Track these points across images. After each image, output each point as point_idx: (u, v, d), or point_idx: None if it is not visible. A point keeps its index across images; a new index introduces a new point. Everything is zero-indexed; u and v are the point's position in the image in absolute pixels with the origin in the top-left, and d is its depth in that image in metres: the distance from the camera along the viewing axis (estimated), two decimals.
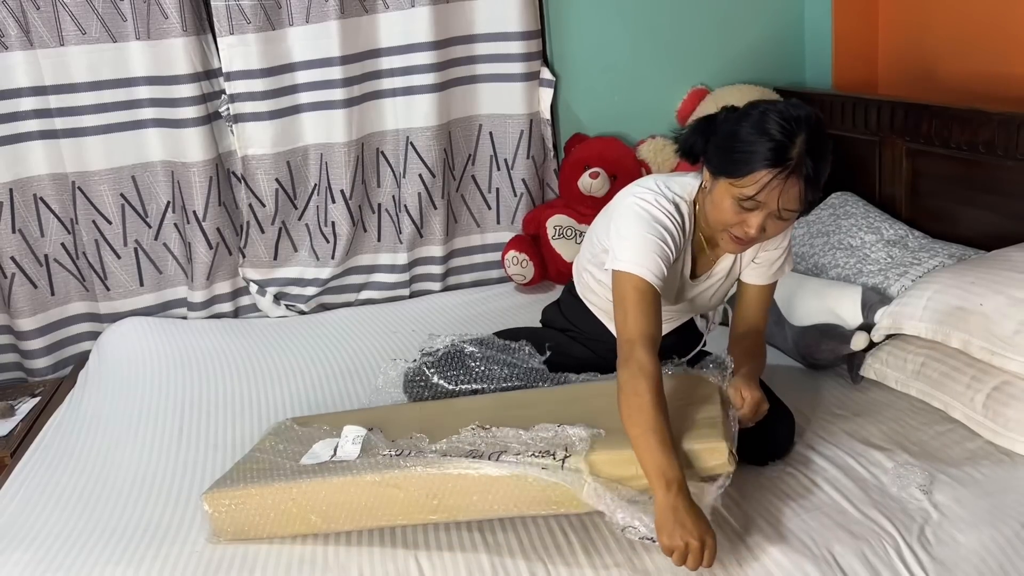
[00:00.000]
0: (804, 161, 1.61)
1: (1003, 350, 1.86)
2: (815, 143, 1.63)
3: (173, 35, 2.76)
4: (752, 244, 1.77)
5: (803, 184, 1.63)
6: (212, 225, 2.93)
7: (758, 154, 1.62)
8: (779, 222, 1.70)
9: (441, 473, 1.63)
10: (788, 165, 1.61)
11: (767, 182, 1.62)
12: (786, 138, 1.61)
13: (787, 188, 1.62)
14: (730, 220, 1.70)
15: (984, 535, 1.59)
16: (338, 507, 1.68)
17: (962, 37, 2.81)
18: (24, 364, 2.95)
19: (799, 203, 1.66)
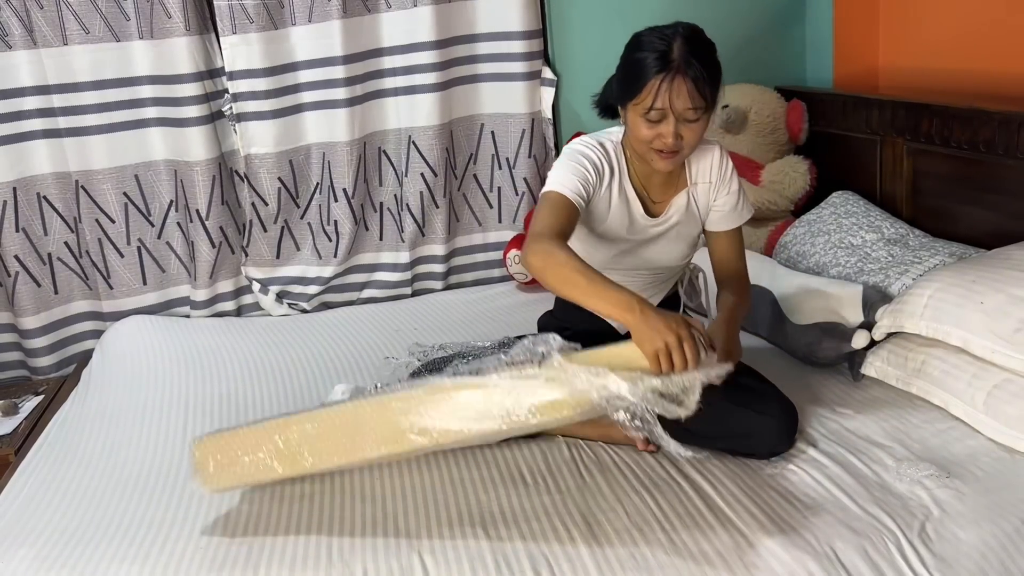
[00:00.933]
0: (686, 59, 1.78)
1: (1004, 348, 1.86)
2: (693, 43, 1.81)
3: (176, 34, 2.77)
4: (678, 155, 1.87)
5: (691, 81, 1.78)
6: (215, 224, 2.94)
7: (644, 67, 1.81)
8: (690, 124, 1.83)
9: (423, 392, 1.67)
10: (671, 66, 1.78)
11: (657, 87, 1.78)
12: (663, 44, 1.81)
13: (676, 87, 1.78)
14: (647, 137, 1.85)
15: (985, 531, 1.59)
16: (324, 438, 1.71)
17: (962, 36, 2.82)
18: (28, 362, 2.96)
19: (693, 99, 1.79)
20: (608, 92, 2.00)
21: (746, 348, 2.25)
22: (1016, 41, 2.63)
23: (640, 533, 1.65)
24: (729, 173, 2.01)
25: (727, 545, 1.59)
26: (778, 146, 3.13)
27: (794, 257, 2.79)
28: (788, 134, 3.12)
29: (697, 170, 2.01)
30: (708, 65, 1.81)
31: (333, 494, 1.85)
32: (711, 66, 1.82)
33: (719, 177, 2.01)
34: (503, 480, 1.85)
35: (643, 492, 1.77)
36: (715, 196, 2.02)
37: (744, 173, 3.06)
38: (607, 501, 1.76)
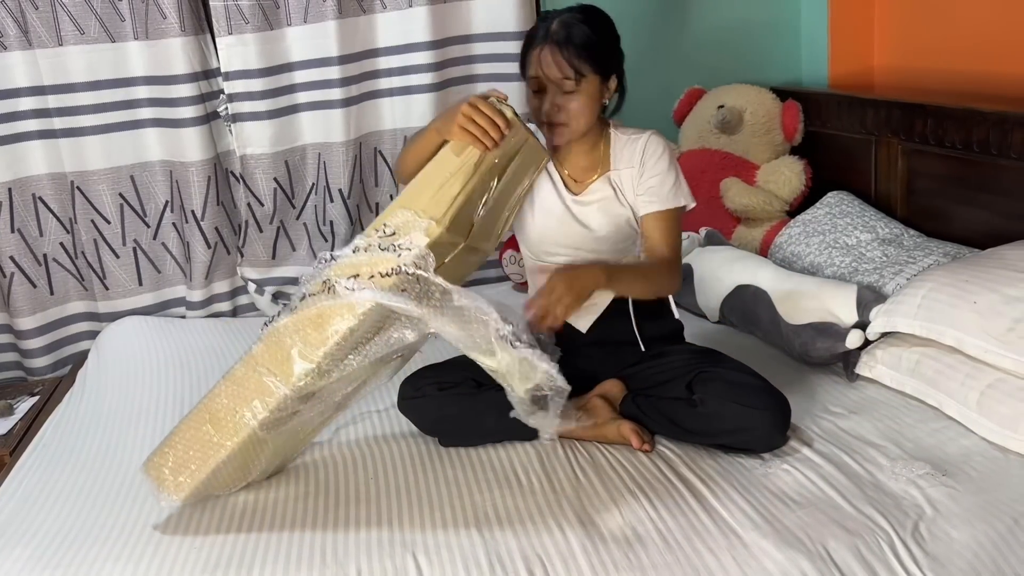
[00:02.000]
0: (560, 30, 1.88)
1: (997, 347, 1.87)
2: (573, 15, 1.91)
3: (171, 35, 2.77)
4: (566, 129, 1.94)
5: (559, 49, 1.87)
6: (210, 224, 2.94)
7: (526, 45, 1.95)
8: (568, 96, 1.91)
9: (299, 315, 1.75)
10: (545, 37, 1.89)
11: (535, 57, 1.90)
12: (540, 23, 1.94)
13: (544, 56, 1.89)
14: (534, 109, 1.95)
15: (978, 531, 1.60)
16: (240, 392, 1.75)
17: (957, 37, 2.82)
18: (23, 363, 2.96)
19: (563, 69, 1.88)
20: None
21: (741, 348, 2.27)
22: (1010, 42, 2.64)
23: (634, 533, 1.65)
24: (656, 155, 2.01)
25: (721, 544, 1.59)
26: (773, 146, 3.13)
27: (789, 257, 2.80)
28: (783, 134, 3.12)
29: (621, 156, 2.03)
30: (583, 35, 1.88)
31: (327, 494, 1.85)
32: (587, 36, 1.89)
33: (642, 160, 2.01)
34: (497, 480, 1.86)
35: (637, 492, 1.77)
36: (639, 176, 2.02)
37: (740, 173, 3.07)
38: (601, 501, 1.76)
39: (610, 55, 1.95)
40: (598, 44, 1.91)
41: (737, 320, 2.53)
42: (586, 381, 2.07)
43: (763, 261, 2.60)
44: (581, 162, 2.04)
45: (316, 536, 1.71)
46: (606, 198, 2.02)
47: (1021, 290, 1.92)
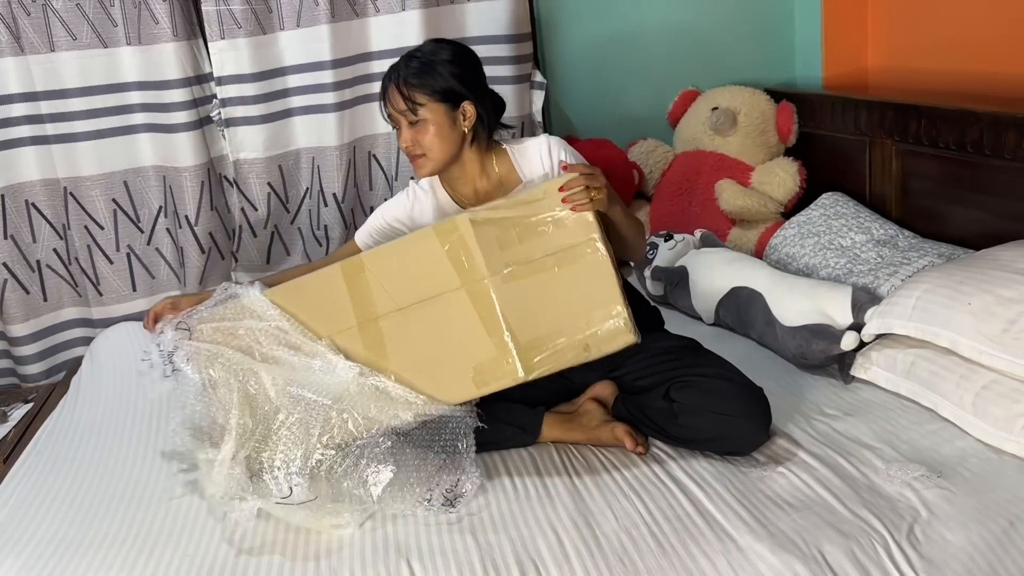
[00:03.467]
0: (398, 67, 1.97)
1: (991, 349, 1.86)
2: (421, 51, 2.00)
3: (164, 40, 2.76)
4: (424, 160, 2.00)
5: (395, 87, 1.96)
6: (204, 230, 2.93)
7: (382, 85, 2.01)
8: (414, 128, 1.97)
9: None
10: (388, 77, 1.99)
11: (382, 99, 2.01)
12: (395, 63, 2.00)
13: (389, 93, 1.98)
14: (399, 144, 2.02)
15: (973, 533, 1.59)
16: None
17: (951, 38, 2.83)
18: (17, 370, 2.95)
19: (396, 103, 1.96)
20: None
21: (736, 351, 2.27)
22: (1004, 42, 2.64)
23: (629, 536, 1.65)
24: (562, 152, 2.02)
25: (715, 548, 1.59)
26: (768, 148, 3.13)
27: (784, 259, 2.79)
28: (778, 136, 3.12)
29: (527, 166, 2.05)
30: (419, 68, 1.95)
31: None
32: (423, 69, 1.95)
33: (551, 163, 2.02)
34: (492, 485, 1.85)
35: (632, 495, 1.77)
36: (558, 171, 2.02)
37: (734, 175, 3.06)
38: (596, 505, 1.75)
39: (447, 81, 1.96)
40: (433, 73, 1.95)
41: (732, 322, 2.53)
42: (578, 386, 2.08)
43: (758, 263, 2.60)
44: (479, 187, 2.07)
45: (310, 542, 1.71)
46: None
47: (1015, 291, 1.92)
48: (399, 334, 1.89)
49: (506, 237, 1.86)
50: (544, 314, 1.85)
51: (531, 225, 1.85)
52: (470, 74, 2.00)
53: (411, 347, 1.89)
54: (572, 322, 1.84)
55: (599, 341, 1.84)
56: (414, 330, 1.88)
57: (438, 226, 1.89)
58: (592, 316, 1.84)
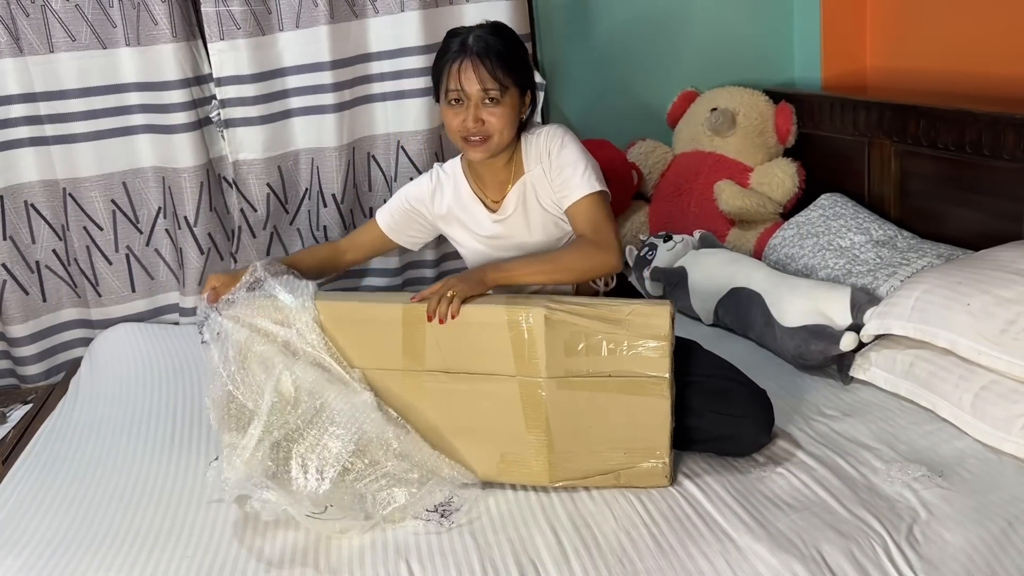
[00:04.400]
0: (477, 43, 1.88)
1: (990, 349, 1.87)
2: (486, 31, 1.92)
3: (163, 41, 2.76)
4: (488, 142, 1.93)
5: (480, 61, 1.87)
6: (203, 230, 2.93)
7: (443, 56, 1.93)
8: (489, 108, 1.90)
9: None
10: (464, 50, 1.88)
11: (453, 72, 1.89)
12: (460, 35, 1.92)
13: (465, 69, 1.88)
14: (456, 127, 1.93)
15: (972, 533, 1.60)
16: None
17: (949, 38, 2.83)
18: (16, 371, 2.95)
19: (485, 81, 1.87)
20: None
21: (735, 351, 2.27)
22: (1002, 43, 2.65)
23: (628, 537, 1.65)
24: (558, 146, 1.99)
25: (714, 548, 1.59)
26: (766, 148, 3.13)
27: (783, 259, 2.80)
28: (776, 136, 3.12)
29: (528, 156, 2.02)
30: (502, 49, 1.89)
31: None
32: (505, 50, 1.90)
33: (546, 154, 2.00)
34: (491, 484, 1.85)
35: (630, 495, 1.77)
36: (549, 174, 2.00)
37: (733, 175, 3.06)
38: (595, 504, 1.76)
39: (526, 67, 1.96)
40: (517, 57, 1.93)
41: (731, 322, 2.53)
42: None
43: (757, 263, 2.61)
44: (499, 178, 2.05)
45: (309, 543, 1.71)
46: (520, 208, 2.03)
47: (1014, 291, 1.92)
48: (439, 394, 1.85)
49: (575, 344, 1.78)
50: (588, 431, 1.80)
51: (603, 341, 1.77)
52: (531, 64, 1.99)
53: (446, 410, 1.85)
54: (612, 448, 1.79)
55: (632, 475, 1.79)
56: (455, 397, 1.85)
57: (511, 307, 1.80)
58: (635, 451, 1.78)
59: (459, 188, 2.09)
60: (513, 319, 1.79)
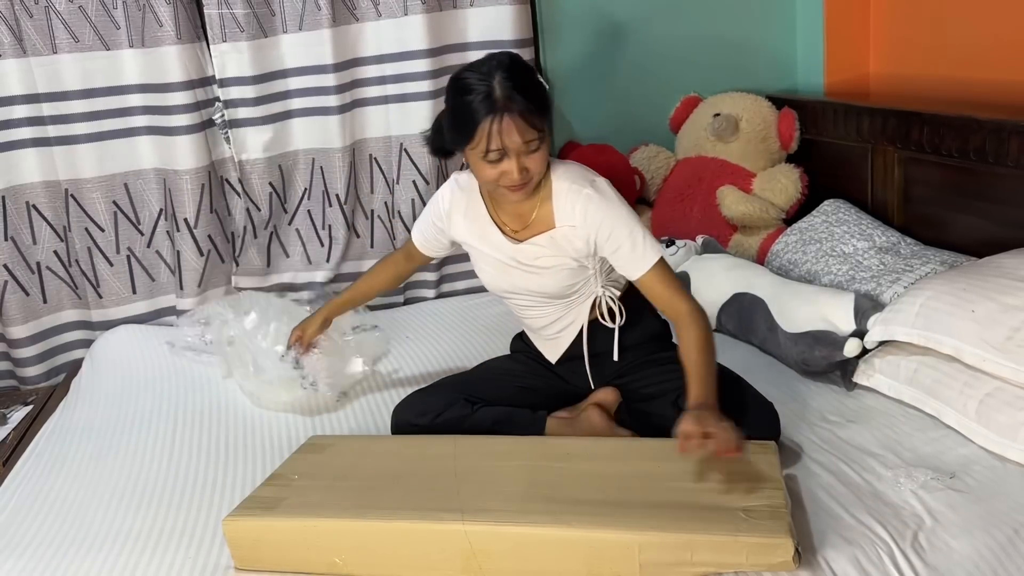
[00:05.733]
0: (509, 95, 1.75)
1: (995, 356, 1.86)
2: (512, 76, 1.77)
3: (167, 43, 2.76)
4: (528, 184, 1.84)
5: (519, 116, 1.75)
6: (203, 233, 2.92)
7: (471, 112, 1.77)
8: (531, 155, 1.81)
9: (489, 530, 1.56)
10: (497, 106, 1.75)
11: (489, 130, 1.75)
12: (485, 84, 1.76)
13: (507, 126, 1.75)
14: (493, 177, 1.83)
15: (977, 541, 1.59)
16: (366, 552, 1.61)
17: (953, 45, 2.83)
18: (16, 372, 2.94)
19: (525, 133, 1.77)
20: (440, 136, 1.97)
21: (737, 357, 2.27)
22: (1006, 49, 2.65)
23: None
24: (597, 224, 1.88)
25: None
26: (769, 154, 3.13)
27: (786, 265, 2.79)
28: (779, 142, 3.12)
29: (563, 213, 1.91)
30: (532, 94, 1.78)
31: None
32: (535, 94, 1.79)
33: (584, 224, 1.89)
34: None
35: None
36: (591, 243, 1.91)
37: (736, 181, 3.06)
38: None
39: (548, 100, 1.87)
40: (541, 94, 1.82)
41: (734, 328, 2.52)
42: (581, 392, 2.08)
43: (760, 269, 2.60)
44: (520, 209, 1.95)
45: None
46: (548, 253, 1.94)
47: (1019, 298, 1.91)
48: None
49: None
50: None
51: None
52: None
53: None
54: None
55: None
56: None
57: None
58: None
59: (476, 211, 2.01)
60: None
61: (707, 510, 1.56)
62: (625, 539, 1.52)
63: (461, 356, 2.57)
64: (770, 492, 1.61)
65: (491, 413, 2.00)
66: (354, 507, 1.66)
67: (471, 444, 1.89)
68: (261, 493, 1.75)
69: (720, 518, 1.54)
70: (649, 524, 1.53)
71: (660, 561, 1.50)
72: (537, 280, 1.97)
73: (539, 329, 2.09)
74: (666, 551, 1.50)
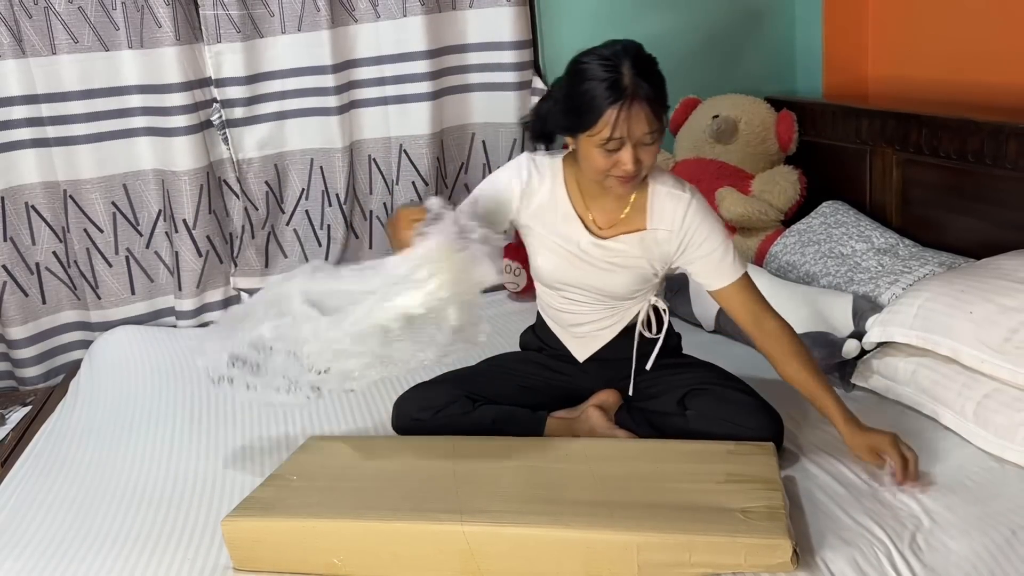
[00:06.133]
0: (639, 84, 1.71)
1: (993, 358, 1.87)
2: (641, 66, 1.74)
3: (166, 44, 2.76)
4: (637, 177, 1.81)
5: (647, 105, 1.72)
6: (202, 233, 2.93)
7: (597, 98, 1.72)
8: (647, 147, 1.77)
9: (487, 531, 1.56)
10: (626, 94, 1.71)
11: (615, 118, 1.71)
12: (613, 72, 1.72)
13: (634, 115, 1.72)
14: (605, 166, 1.78)
15: (975, 542, 1.59)
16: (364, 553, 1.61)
17: (951, 47, 2.83)
18: (15, 373, 2.94)
19: (651, 123, 1.74)
20: (546, 121, 1.92)
21: (736, 358, 2.27)
22: (1004, 52, 2.65)
23: None
24: (695, 228, 1.88)
25: None
26: (768, 156, 3.14)
27: (784, 267, 2.80)
28: (778, 144, 3.13)
29: (660, 216, 1.90)
30: (658, 85, 1.76)
31: None
32: (661, 85, 1.76)
33: (681, 228, 1.88)
34: None
35: None
36: (682, 247, 1.91)
37: (735, 183, 3.07)
38: None
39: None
40: (664, 84, 1.77)
41: (732, 329, 2.52)
42: (583, 392, 2.08)
43: (759, 271, 2.60)
44: (606, 206, 1.92)
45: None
46: (634, 253, 1.92)
47: (1017, 300, 1.92)
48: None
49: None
50: None
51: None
52: None
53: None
54: None
55: None
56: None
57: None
58: None
59: (557, 199, 1.94)
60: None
61: (705, 511, 1.57)
62: (623, 540, 1.52)
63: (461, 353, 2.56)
64: (768, 493, 1.61)
65: (492, 411, 2.00)
66: (353, 508, 1.66)
67: (469, 445, 1.89)
68: (260, 494, 1.75)
69: (718, 519, 1.54)
70: (647, 525, 1.54)
71: (658, 562, 1.50)
72: (608, 278, 1.94)
73: (574, 325, 2.05)
74: (664, 552, 1.50)
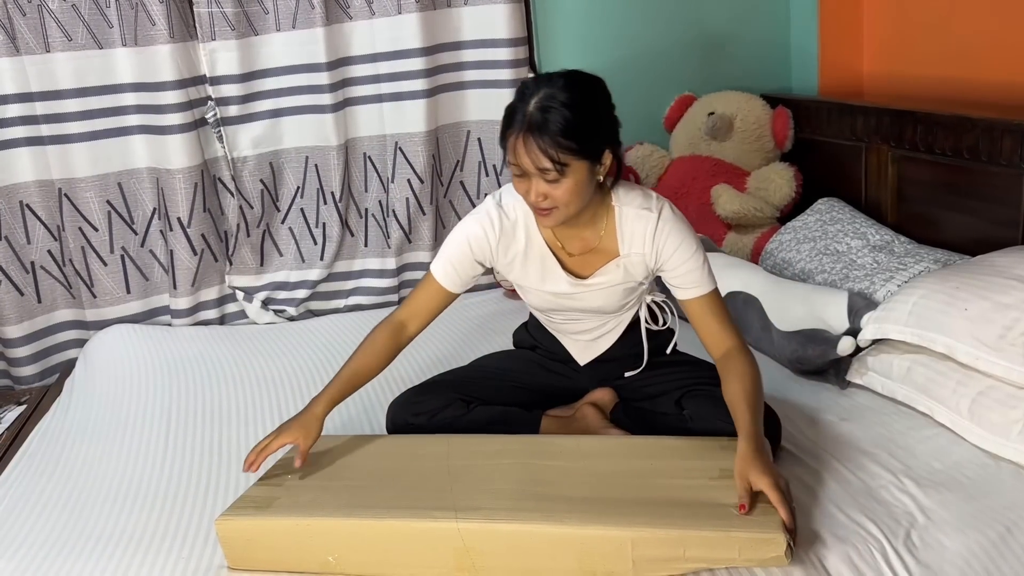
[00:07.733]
0: (536, 117, 1.64)
1: (988, 355, 1.87)
2: (552, 97, 1.65)
3: (160, 41, 2.76)
4: (553, 213, 1.73)
5: (545, 140, 1.64)
6: (197, 232, 2.92)
7: (505, 120, 1.71)
8: (551, 185, 1.68)
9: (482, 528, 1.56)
10: (519, 123, 1.66)
11: (511, 145, 1.69)
12: (519, 100, 1.69)
13: (521, 145, 1.66)
14: (520, 191, 1.74)
15: (970, 538, 1.59)
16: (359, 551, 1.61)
17: (946, 44, 2.83)
18: (10, 372, 2.94)
19: (538, 160, 1.65)
20: None
21: None
22: (999, 49, 2.65)
23: None
24: (662, 244, 1.81)
25: None
26: (763, 153, 3.14)
27: (780, 264, 2.80)
28: (773, 141, 3.13)
29: (631, 239, 1.83)
30: (564, 123, 1.63)
31: None
32: (569, 124, 1.64)
33: (652, 247, 1.82)
34: None
35: None
36: (656, 263, 1.85)
37: (730, 180, 3.07)
38: None
39: (596, 135, 1.70)
40: (579, 128, 1.65)
41: None
42: (578, 391, 2.07)
43: (754, 268, 2.60)
44: (580, 235, 1.86)
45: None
46: (615, 280, 1.88)
47: (1012, 297, 1.92)
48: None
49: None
50: None
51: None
52: (612, 118, 1.77)
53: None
54: None
55: None
56: None
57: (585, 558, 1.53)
58: None
59: (531, 241, 1.87)
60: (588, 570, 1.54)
61: (700, 506, 1.57)
62: (618, 535, 1.51)
63: (456, 352, 2.57)
64: None
65: (487, 413, 2.00)
66: (347, 506, 1.66)
67: (464, 443, 1.88)
68: (254, 493, 1.75)
69: (713, 514, 1.54)
70: (642, 520, 1.53)
71: (653, 557, 1.50)
72: (595, 302, 1.92)
73: (574, 333, 2.04)
74: (659, 547, 1.50)
